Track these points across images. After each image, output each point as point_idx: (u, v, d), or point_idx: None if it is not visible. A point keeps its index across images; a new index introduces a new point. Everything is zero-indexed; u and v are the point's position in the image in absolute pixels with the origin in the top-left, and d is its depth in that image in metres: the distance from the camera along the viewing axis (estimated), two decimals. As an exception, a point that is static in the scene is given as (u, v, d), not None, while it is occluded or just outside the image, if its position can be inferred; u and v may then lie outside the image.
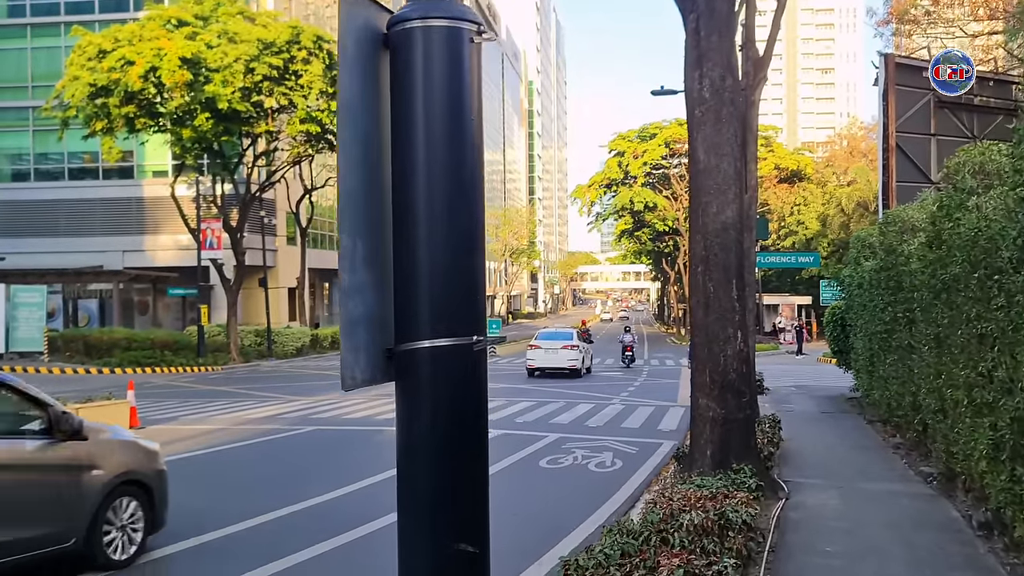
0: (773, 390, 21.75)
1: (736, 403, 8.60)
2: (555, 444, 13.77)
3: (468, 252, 2.53)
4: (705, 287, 8.55)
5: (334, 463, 12.19)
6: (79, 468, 6.80)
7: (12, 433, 6.63)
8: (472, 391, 2.53)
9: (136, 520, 7.22)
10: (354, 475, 10.74)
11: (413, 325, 2.47)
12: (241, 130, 34.19)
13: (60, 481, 6.68)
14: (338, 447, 13.60)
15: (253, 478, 11.11)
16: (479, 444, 2.58)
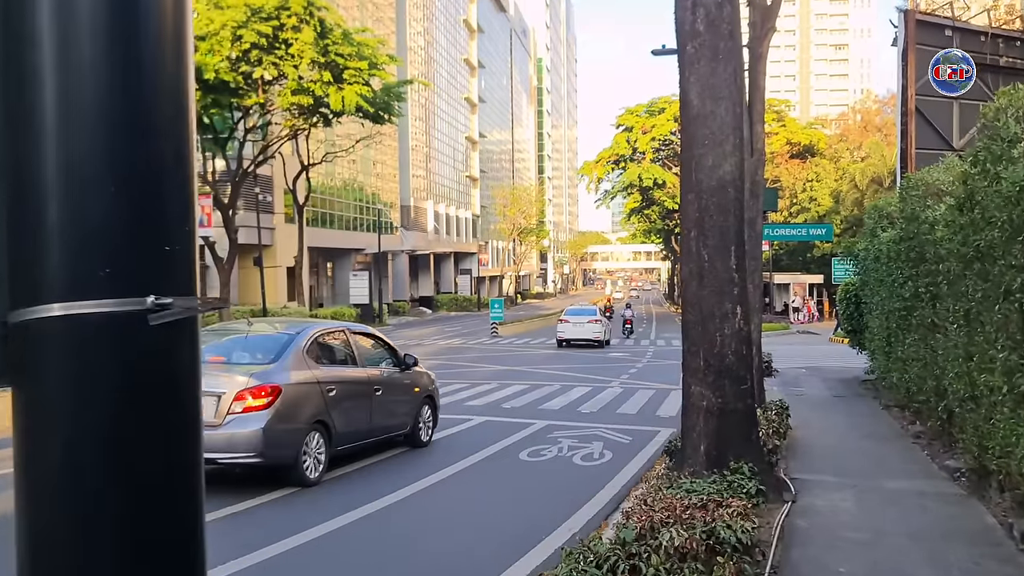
0: (782, 372, 20.52)
1: (734, 390, 7.37)
2: (541, 433, 12.58)
3: (145, 137, 1.31)
4: (699, 255, 7.30)
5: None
6: (411, 386, 11.52)
7: (383, 364, 11.23)
8: (159, 392, 1.30)
9: (429, 418, 11.89)
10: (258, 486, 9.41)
11: (36, 279, 1.25)
12: (231, 102, 32.86)
13: (406, 394, 11.38)
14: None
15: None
16: (185, 487, 1.35)
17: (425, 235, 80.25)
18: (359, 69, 33.17)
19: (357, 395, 10.17)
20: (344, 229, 62.03)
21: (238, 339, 10.09)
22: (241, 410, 8.54)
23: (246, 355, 9.56)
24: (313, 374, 9.42)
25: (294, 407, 8.97)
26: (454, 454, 10.80)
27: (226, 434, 8.45)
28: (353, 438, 10.06)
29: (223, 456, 8.46)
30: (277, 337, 9.90)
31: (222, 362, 9.33)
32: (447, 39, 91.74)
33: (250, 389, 8.62)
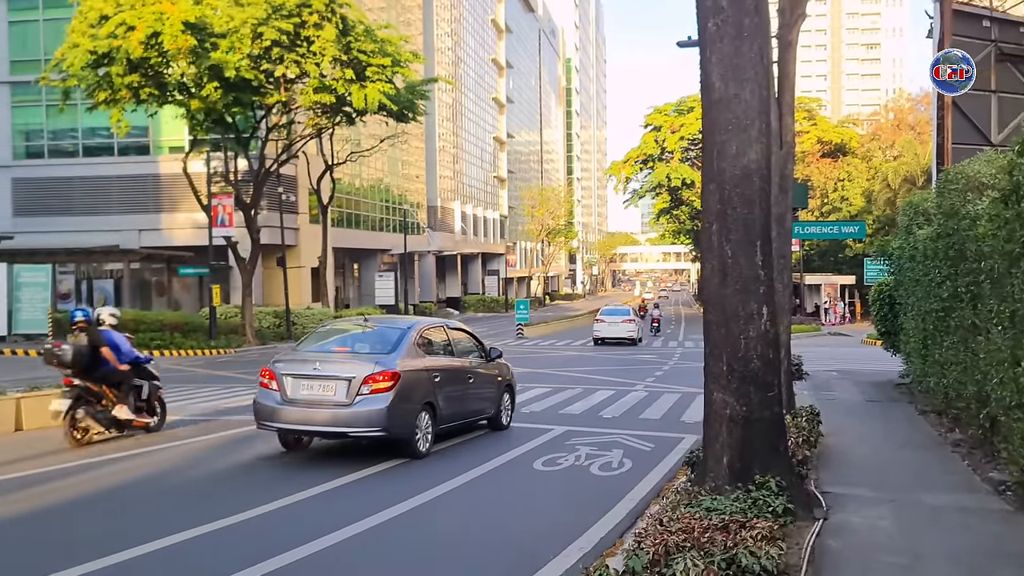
0: (812, 375, 19.73)
1: (760, 398, 6.77)
2: (559, 439, 12.02)
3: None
4: (721, 250, 6.71)
5: (280, 467, 10.51)
6: (495, 376, 12.90)
7: (472, 356, 12.53)
8: None
9: (508, 405, 13.31)
10: (290, 484, 9.05)
11: None
12: (252, 101, 32.59)
13: (492, 382, 12.74)
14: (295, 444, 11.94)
15: (176, 486, 9.45)
16: None
17: (452, 236, 79.95)
18: (382, 66, 32.79)
19: (455, 381, 11.70)
20: (370, 230, 61.80)
21: (358, 333, 11.67)
22: (369, 392, 10.08)
23: (366, 346, 11.05)
24: (422, 363, 10.96)
25: (409, 390, 10.43)
26: (465, 462, 10.27)
27: (356, 412, 10.06)
28: (452, 419, 11.58)
29: (354, 430, 10.19)
30: (392, 331, 11.37)
31: (347, 352, 10.96)
32: (475, 39, 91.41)
33: (376, 374, 10.15)
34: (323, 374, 10.30)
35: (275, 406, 10.36)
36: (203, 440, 12.17)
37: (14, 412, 12.49)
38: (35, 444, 11.68)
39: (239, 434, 12.50)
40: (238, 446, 11.62)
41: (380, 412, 9.98)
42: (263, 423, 10.60)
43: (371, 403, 9.99)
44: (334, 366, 10.40)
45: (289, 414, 10.28)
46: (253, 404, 10.82)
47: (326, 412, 10.16)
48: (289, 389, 10.31)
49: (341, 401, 10.05)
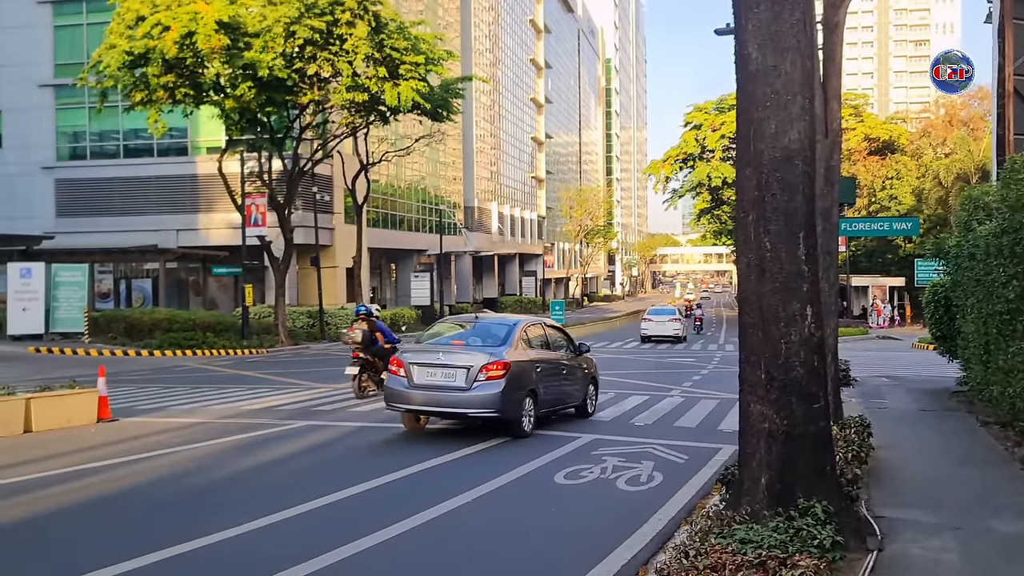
0: (861, 381, 18.79)
1: (804, 410, 5.97)
2: (585, 449, 11.25)
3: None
4: (758, 243, 5.93)
5: (289, 474, 9.90)
6: (583, 368, 14.29)
7: (564, 350, 13.96)
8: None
9: (593, 394, 14.55)
10: (298, 494, 8.45)
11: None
12: (286, 100, 32.22)
13: (580, 374, 14.08)
14: (312, 451, 11.28)
15: (174, 496, 8.83)
16: None
17: (489, 236, 79.36)
18: (415, 64, 32.22)
19: (552, 372, 13.20)
20: (407, 230, 61.40)
21: (471, 328, 13.19)
22: (485, 379, 11.63)
23: (479, 340, 12.54)
24: (527, 355, 12.53)
25: (517, 378, 11.93)
26: (481, 474, 9.53)
27: (474, 395, 11.65)
28: (550, 404, 13.07)
29: (471, 411, 11.84)
30: (501, 327, 12.93)
31: (463, 345, 12.53)
32: (513, 39, 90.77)
33: (491, 364, 11.70)
34: (445, 363, 11.95)
35: (403, 390, 12.04)
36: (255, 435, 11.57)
37: (23, 413, 12.01)
38: (47, 445, 11.19)
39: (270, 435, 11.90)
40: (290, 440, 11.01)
41: (495, 396, 11.60)
42: (392, 404, 12.33)
43: (487, 388, 11.61)
44: (454, 356, 12.01)
45: (416, 397, 11.98)
46: (384, 388, 12.82)
47: (448, 395, 11.81)
48: (415, 376, 12.02)
49: (461, 386, 11.70)
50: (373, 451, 11.35)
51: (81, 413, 12.66)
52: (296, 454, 10.96)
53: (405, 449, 11.33)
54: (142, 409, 15.13)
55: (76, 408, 12.62)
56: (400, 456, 10.63)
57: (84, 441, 11.65)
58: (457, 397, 11.71)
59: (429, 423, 13.03)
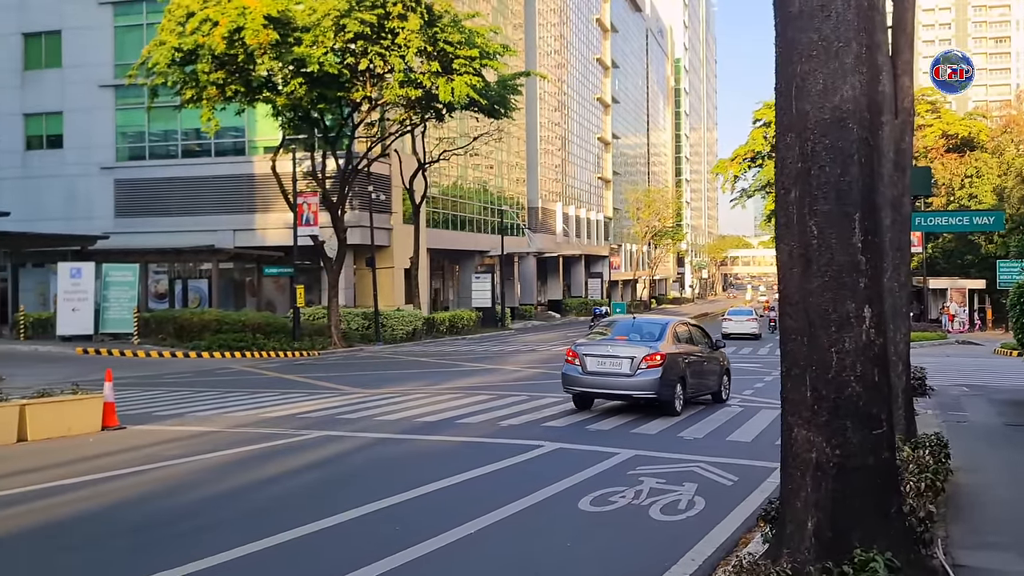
0: (938, 391, 17.21)
1: (861, 437, 4.78)
2: (622, 467, 10.09)
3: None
4: (803, 227, 4.76)
5: (277, 497, 8.96)
6: (719, 361, 16.60)
7: (703, 345, 16.20)
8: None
9: (727, 384, 16.91)
10: (275, 523, 7.50)
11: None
12: (338, 96, 31.60)
13: (716, 366, 16.35)
14: (316, 467, 10.32)
15: (140, 520, 7.93)
16: None
17: (553, 237, 78.26)
18: (469, 58, 31.32)
19: (696, 363, 15.43)
20: (470, 231, 60.71)
21: (631, 325, 15.91)
22: (646, 367, 14.05)
23: (639, 336, 15.04)
24: (677, 348, 14.78)
25: (671, 367, 14.35)
26: (495, 499, 8.44)
27: (637, 380, 14.08)
28: (694, 390, 15.34)
29: (636, 393, 14.22)
30: (655, 325, 15.58)
31: (626, 340, 14.96)
32: (579, 38, 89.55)
33: (651, 355, 14.13)
34: (613, 354, 14.44)
35: (578, 376, 14.63)
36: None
37: (17, 421, 11.31)
38: (31, 457, 10.50)
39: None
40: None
41: (654, 381, 14.00)
42: (569, 388, 14.97)
43: (647, 375, 14.03)
44: (620, 349, 14.48)
45: (588, 381, 14.54)
46: (562, 375, 15.09)
47: (616, 380, 14.27)
48: (588, 365, 14.54)
49: (626, 373, 14.13)
50: (378, 469, 10.33)
51: (83, 421, 11.95)
52: (296, 471, 10.00)
53: (416, 467, 10.30)
54: (159, 415, 14.43)
55: (78, 415, 11.91)
56: (406, 476, 9.59)
57: (74, 452, 10.90)
58: (623, 382, 14.18)
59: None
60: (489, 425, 13.28)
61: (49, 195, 42.86)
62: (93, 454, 10.79)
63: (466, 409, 15.17)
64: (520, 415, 14.43)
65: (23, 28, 44.21)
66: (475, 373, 23.31)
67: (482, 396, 17.23)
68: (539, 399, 16.66)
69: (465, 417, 14.11)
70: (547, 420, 13.89)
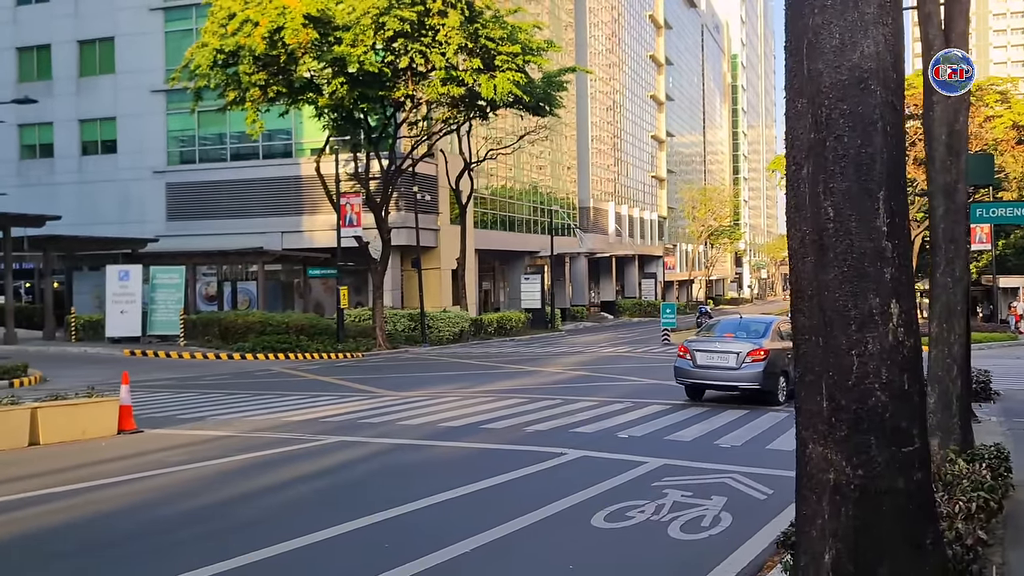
0: (1005, 395, 16.12)
1: (888, 455, 4.05)
2: (647, 478, 9.38)
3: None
4: (816, 207, 4.06)
5: (277, 506, 8.45)
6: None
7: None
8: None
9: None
10: (269, 534, 6.99)
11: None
12: (379, 95, 31.21)
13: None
14: (324, 474, 9.82)
15: (128, 530, 7.48)
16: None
17: (606, 237, 77.32)
18: (511, 54, 30.69)
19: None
20: (520, 231, 60.16)
21: (737, 323, 17.29)
22: (751, 361, 15.29)
23: (744, 333, 16.25)
24: (779, 344, 15.66)
25: (773, 362, 15.49)
26: (504, 512, 7.81)
27: (743, 373, 15.33)
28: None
29: (742, 384, 15.48)
30: (760, 324, 16.89)
31: (732, 336, 16.20)
32: (631, 35, 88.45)
33: (756, 350, 15.34)
34: (721, 350, 15.74)
35: (690, 369, 15.92)
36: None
37: (28, 424, 11.03)
38: (39, 461, 10.17)
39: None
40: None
41: (758, 373, 15.31)
42: (681, 380, 16.36)
43: (752, 368, 15.33)
44: (727, 345, 15.84)
45: (699, 373, 15.83)
46: (674, 368, 16.42)
47: (724, 372, 15.60)
48: (698, 359, 15.83)
49: (733, 366, 15.45)
50: (386, 478, 9.76)
51: (98, 424, 11.66)
52: (300, 479, 9.49)
53: (426, 476, 9.73)
54: (181, 419, 14.10)
55: (92, 418, 11.61)
56: (414, 486, 9.00)
57: (83, 457, 10.59)
58: (730, 374, 15.49)
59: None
60: (514, 431, 12.65)
61: (104, 199, 43.47)
62: (100, 459, 10.46)
63: (494, 413, 14.56)
64: (549, 420, 13.78)
65: (78, 36, 44.93)
66: (514, 376, 22.71)
67: (514, 400, 16.61)
68: (572, 403, 15.98)
69: (491, 422, 13.50)
70: (577, 426, 13.20)
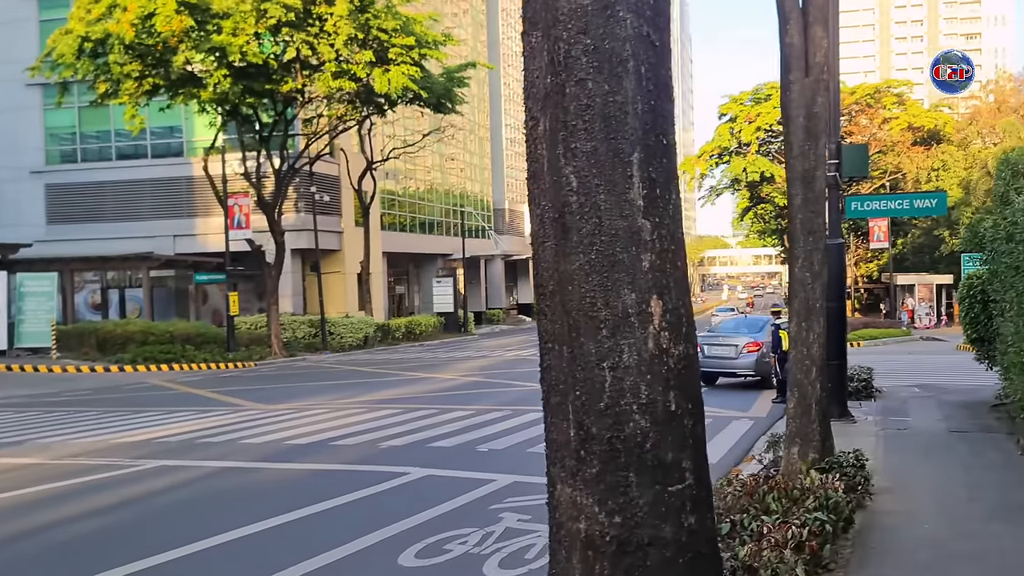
0: (886, 392, 15.70)
1: (652, 496, 3.13)
2: (487, 499, 8.41)
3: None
4: (556, 176, 3.07)
5: (35, 551, 7.23)
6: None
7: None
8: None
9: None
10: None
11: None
12: (266, 89, 29.64)
13: None
14: (118, 508, 8.57)
15: None
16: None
17: (523, 239, 76.59)
18: (406, 47, 29.55)
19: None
20: (435, 233, 59.00)
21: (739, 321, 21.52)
22: (747, 352, 18.30)
23: (744, 329, 19.35)
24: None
25: (766, 352, 17.64)
26: (304, 548, 6.74)
27: (740, 361, 18.39)
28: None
29: (739, 371, 18.63)
30: (757, 321, 20.13)
31: (733, 331, 19.47)
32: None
33: (751, 343, 18.35)
34: (724, 343, 18.69)
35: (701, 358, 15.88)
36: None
37: None
38: None
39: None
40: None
41: (753, 362, 18.15)
42: None
43: (748, 358, 18.19)
44: (729, 339, 18.81)
45: (706, 363, 17.47)
46: None
47: (726, 362, 18.42)
48: (705, 350, 17.92)
49: (732, 357, 18.33)
50: (191, 510, 8.53)
51: None
52: (90, 514, 8.20)
53: (240, 505, 8.54)
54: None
55: None
56: (221, 518, 7.84)
57: None
58: (730, 363, 18.45)
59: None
60: (366, 447, 11.56)
61: (-27, 202, 40.62)
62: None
63: (357, 427, 13.44)
64: (412, 433, 12.72)
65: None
66: (404, 383, 21.61)
67: (388, 411, 15.52)
68: (448, 413, 14.96)
69: (346, 438, 12.37)
70: (438, 439, 12.17)
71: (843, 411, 12.28)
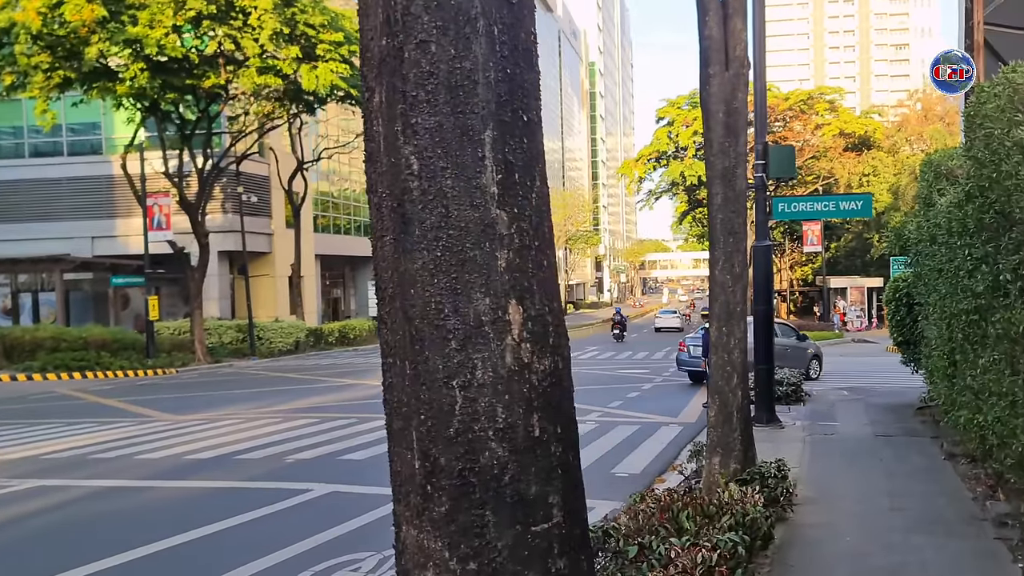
0: (815, 396, 15.57)
1: (513, 537, 2.62)
2: (391, 519, 7.87)
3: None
4: (395, 158, 2.59)
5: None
6: (805, 349, 21.74)
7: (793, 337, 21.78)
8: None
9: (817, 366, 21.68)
10: None
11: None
12: (186, 85, 28.55)
13: (803, 352, 21.52)
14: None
15: None
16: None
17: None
18: (334, 43, 28.77)
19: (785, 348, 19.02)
20: (369, 236, 58.00)
21: None
22: None
23: None
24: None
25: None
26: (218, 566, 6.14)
27: None
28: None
29: None
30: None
31: None
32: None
33: None
34: None
35: (686, 359, 20.54)
36: None
37: None
38: None
39: None
40: None
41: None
42: (680, 367, 21.57)
43: None
44: None
45: (693, 362, 19.74)
46: (676, 359, 21.94)
47: None
48: (691, 351, 20.16)
49: None
50: (57, 537, 7.76)
51: None
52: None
53: (117, 530, 7.83)
54: None
55: None
56: (92, 545, 7.16)
57: None
58: None
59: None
60: (271, 461, 10.91)
61: None
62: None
63: (265, 439, 12.76)
64: (324, 445, 12.10)
65: None
66: (328, 391, 20.90)
67: (304, 420, 14.84)
68: (367, 423, 14.35)
69: (252, 451, 11.69)
70: (351, 451, 11.57)
71: (771, 416, 12.03)
